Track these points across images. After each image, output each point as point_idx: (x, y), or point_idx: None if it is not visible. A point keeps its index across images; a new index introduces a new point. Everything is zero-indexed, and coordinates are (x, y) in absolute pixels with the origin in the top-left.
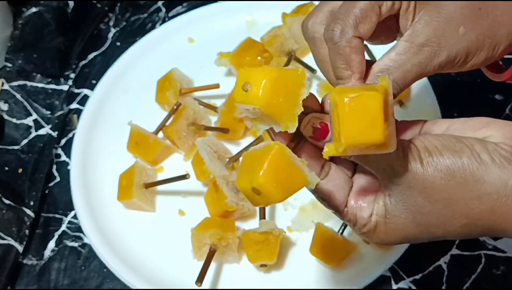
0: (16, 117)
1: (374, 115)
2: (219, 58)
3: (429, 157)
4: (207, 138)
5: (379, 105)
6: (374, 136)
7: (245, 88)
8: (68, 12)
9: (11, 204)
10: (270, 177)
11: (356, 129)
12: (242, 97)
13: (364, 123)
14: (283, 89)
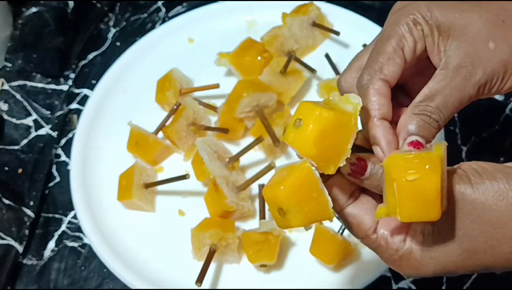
0: (16, 117)
1: (432, 197)
2: (219, 58)
3: (479, 178)
4: (207, 138)
5: (437, 188)
6: (431, 215)
7: (297, 125)
8: (68, 12)
9: (11, 204)
10: (291, 193)
11: (414, 209)
12: (291, 137)
13: (422, 204)
14: (335, 137)
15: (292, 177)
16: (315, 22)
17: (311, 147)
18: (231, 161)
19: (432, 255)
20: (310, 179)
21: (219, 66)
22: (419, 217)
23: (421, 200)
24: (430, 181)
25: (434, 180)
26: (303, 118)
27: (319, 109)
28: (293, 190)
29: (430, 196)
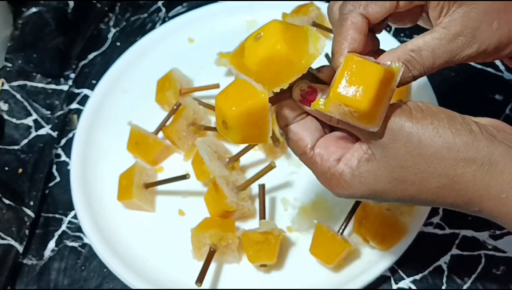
0: (16, 117)
1: (368, 83)
2: (219, 58)
3: (421, 114)
4: (207, 138)
5: (377, 76)
6: (360, 102)
7: (257, 37)
8: (68, 12)
9: (11, 204)
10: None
11: (347, 88)
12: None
13: (356, 86)
14: (279, 67)
15: (247, 103)
16: (315, 22)
17: (254, 64)
18: (231, 161)
19: (362, 180)
20: (262, 111)
21: (219, 66)
22: (348, 99)
23: (357, 81)
24: (374, 69)
25: (378, 70)
26: (265, 35)
27: (279, 39)
28: (243, 115)
29: (367, 81)
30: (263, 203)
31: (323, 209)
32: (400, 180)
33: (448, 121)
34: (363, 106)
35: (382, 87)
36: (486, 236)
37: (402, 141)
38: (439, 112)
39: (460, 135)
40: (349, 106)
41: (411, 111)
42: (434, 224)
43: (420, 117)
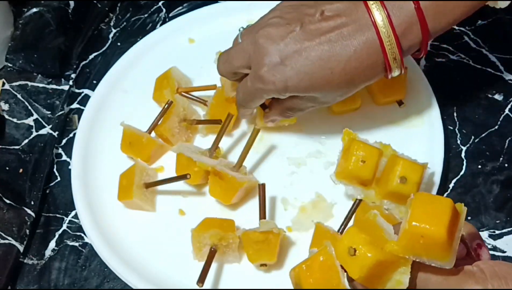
0: (16, 117)
1: (441, 213)
2: None
3: (496, 279)
4: (179, 145)
5: (449, 207)
6: (438, 229)
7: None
8: (69, 12)
9: (12, 204)
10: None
11: (422, 219)
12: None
13: (431, 216)
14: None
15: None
16: None
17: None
18: (212, 152)
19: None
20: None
21: None
22: (425, 229)
23: (432, 210)
24: (445, 201)
25: (448, 202)
26: (357, 248)
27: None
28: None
29: (441, 210)
30: (263, 203)
31: (323, 209)
32: None
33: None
34: (440, 232)
35: (453, 218)
36: (486, 236)
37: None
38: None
39: None
40: (427, 233)
41: (480, 276)
42: None
43: (491, 284)
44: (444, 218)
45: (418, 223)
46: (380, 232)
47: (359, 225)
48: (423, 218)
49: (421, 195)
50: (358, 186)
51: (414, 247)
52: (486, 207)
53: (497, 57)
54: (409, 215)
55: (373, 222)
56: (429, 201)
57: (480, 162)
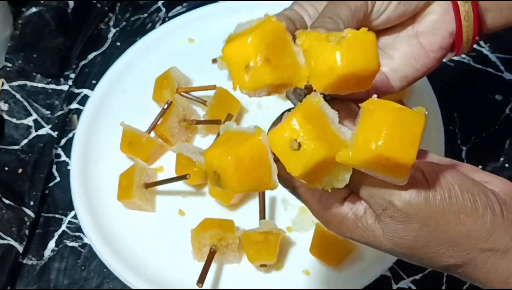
0: (16, 117)
1: (414, 134)
2: (221, 62)
3: (442, 194)
4: (179, 145)
5: (422, 127)
6: (409, 155)
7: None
8: (68, 12)
9: (11, 204)
10: (234, 167)
11: (395, 140)
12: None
13: (402, 138)
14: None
15: (244, 153)
16: None
17: (299, 170)
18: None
19: (363, 234)
20: (262, 154)
21: (222, 70)
22: (395, 153)
23: (404, 133)
24: (419, 119)
25: (422, 120)
26: (302, 143)
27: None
28: (242, 170)
29: (415, 132)
30: (263, 203)
31: None
32: (406, 254)
33: (472, 205)
34: (411, 159)
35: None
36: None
37: (417, 224)
38: (464, 193)
39: (483, 223)
40: (395, 159)
41: (430, 188)
42: None
43: (441, 197)
44: (416, 142)
45: (383, 143)
46: (324, 121)
47: (302, 113)
48: (390, 139)
49: (387, 105)
50: None
51: (373, 164)
52: None
53: (497, 57)
54: (375, 130)
55: (317, 108)
56: (395, 116)
57: (481, 162)
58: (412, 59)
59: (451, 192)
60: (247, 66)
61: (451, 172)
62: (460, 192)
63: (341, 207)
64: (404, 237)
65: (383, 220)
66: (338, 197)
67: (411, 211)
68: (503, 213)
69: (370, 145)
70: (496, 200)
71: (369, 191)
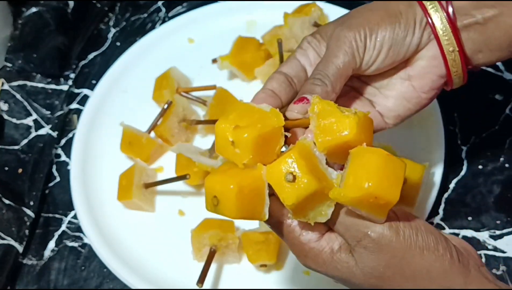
0: (16, 117)
1: (398, 177)
2: (221, 62)
3: (410, 231)
4: (179, 145)
5: (403, 171)
6: (394, 195)
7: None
8: (68, 12)
9: (11, 204)
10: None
11: (384, 181)
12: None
13: (391, 179)
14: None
15: (246, 184)
16: (316, 23)
17: (292, 200)
18: (212, 152)
19: (338, 266)
20: (260, 187)
21: (221, 69)
22: (384, 193)
23: (391, 176)
24: (402, 164)
25: (403, 166)
26: (297, 176)
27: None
28: (241, 199)
29: (399, 175)
30: None
31: None
32: (373, 285)
33: (434, 245)
34: (395, 198)
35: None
36: (486, 236)
37: (386, 255)
38: (429, 234)
39: (442, 261)
40: (383, 197)
41: (400, 227)
42: (434, 224)
43: (408, 235)
44: (399, 183)
45: (373, 184)
46: (314, 160)
47: (298, 151)
48: (379, 180)
49: (375, 151)
50: None
51: (361, 202)
52: (486, 207)
53: None
54: (366, 171)
55: (308, 149)
56: (386, 161)
57: (481, 162)
58: (405, 100)
59: (417, 231)
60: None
61: (418, 218)
62: (425, 232)
63: (319, 241)
64: (374, 267)
65: (357, 251)
66: (318, 233)
67: (383, 242)
68: (459, 259)
69: (362, 184)
70: (454, 248)
71: (346, 226)
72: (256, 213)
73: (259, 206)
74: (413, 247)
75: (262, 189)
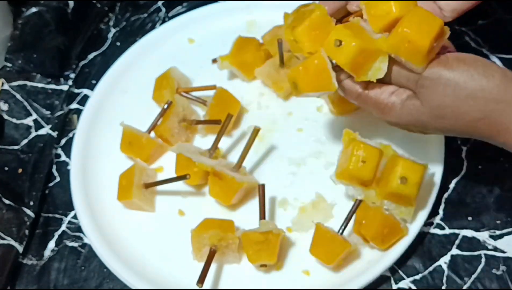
0: (16, 117)
1: (431, 28)
2: (221, 62)
3: (457, 62)
4: (179, 145)
5: (439, 26)
6: (425, 39)
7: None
8: (68, 12)
9: (11, 204)
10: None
11: (415, 28)
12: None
13: (422, 28)
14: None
15: (309, 64)
16: None
17: (343, 59)
18: (212, 152)
19: (408, 111)
20: (322, 64)
21: (221, 69)
22: (415, 36)
23: (423, 27)
24: (437, 21)
25: (439, 22)
26: (343, 40)
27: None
28: (307, 75)
29: (431, 28)
30: (263, 203)
31: (323, 209)
32: (439, 116)
33: (484, 67)
34: (425, 43)
35: (438, 36)
36: (486, 236)
37: (440, 87)
38: (477, 61)
39: (494, 79)
40: (414, 40)
41: (449, 60)
42: (434, 224)
43: (456, 66)
44: (432, 33)
45: (409, 30)
46: (362, 30)
47: (344, 25)
48: (414, 27)
49: (418, 9)
50: (358, 187)
51: (399, 47)
52: (486, 207)
53: (498, 57)
54: (403, 21)
55: (357, 24)
56: (424, 16)
57: (481, 162)
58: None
59: (464, 60)
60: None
61: (468, 54)
62: (474, 60)
63: (390, 97)
64: (434, 99)
65: (419, 92)
66: (388, 92)
67: (434, 76)
68: (507, 73)
69: (400, 30)
70: (501, 68)
71: (405, 76)
72: (325, 85)
73: (327, 78)
74: (464, 75)
75: (324, 64)
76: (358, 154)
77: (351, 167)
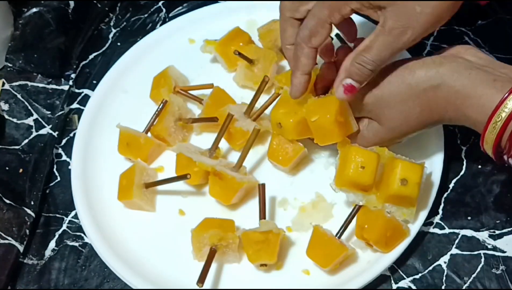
0: (16, 117)
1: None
2: (205, 45)
3: (380, 78)
4: (179, 145)
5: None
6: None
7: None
8: (69, 12)
9: (12, 204)
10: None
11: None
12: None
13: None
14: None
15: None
16: None
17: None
18: (212, 152)
19: (373, 132)
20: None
21: (204, 52)
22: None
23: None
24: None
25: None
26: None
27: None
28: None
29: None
30: (263, 203)
31: (323, 209)
32: (393, 128)
33: (402, 69)
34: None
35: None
36: (486, 236)
37: (382, 106)
38: (390, 68)
39: (415, 74)
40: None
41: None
42: (434, 224)
43: (381, 83)
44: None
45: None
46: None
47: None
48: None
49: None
50: (358, 193)
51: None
52: (486, 207)
53: (497, 57)
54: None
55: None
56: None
57: (480, 162)
58: None
59: (382, 74)
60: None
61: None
62: (387, 69)
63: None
64: (382, 117)
65: (372, 117)
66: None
67: (374, 101)
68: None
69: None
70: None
71: (357, 112)
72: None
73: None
74: (388, 86)
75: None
76: (357, 160)
77: (351, 174)
